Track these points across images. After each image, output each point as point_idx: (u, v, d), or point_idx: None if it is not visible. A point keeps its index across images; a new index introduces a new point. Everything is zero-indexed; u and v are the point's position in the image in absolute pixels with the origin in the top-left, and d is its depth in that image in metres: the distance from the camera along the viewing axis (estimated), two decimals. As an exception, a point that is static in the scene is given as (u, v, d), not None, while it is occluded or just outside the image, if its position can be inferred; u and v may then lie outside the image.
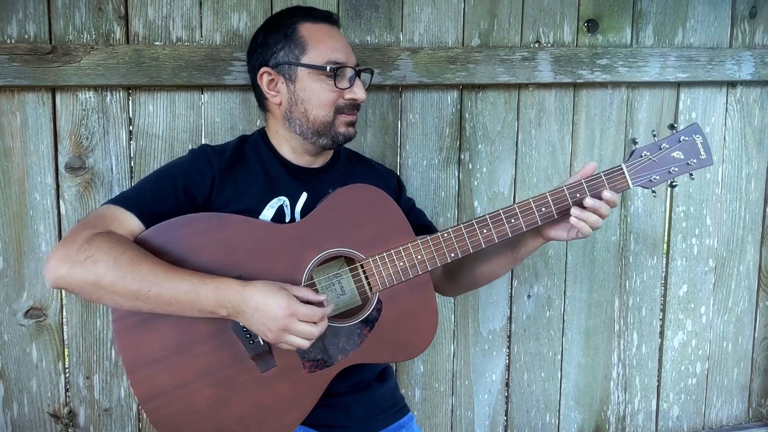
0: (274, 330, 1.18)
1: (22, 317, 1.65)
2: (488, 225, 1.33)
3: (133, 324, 1.25)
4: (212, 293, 1.18)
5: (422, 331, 1.36)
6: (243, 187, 1.37)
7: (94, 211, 1.32)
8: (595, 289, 2.09)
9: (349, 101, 1.39)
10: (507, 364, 2.06)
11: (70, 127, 1.62)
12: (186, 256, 1.25)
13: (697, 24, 2.06)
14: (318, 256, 1.30)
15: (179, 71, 1.62)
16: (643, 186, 1.35)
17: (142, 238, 1.25)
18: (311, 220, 1.32)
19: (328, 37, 1.38)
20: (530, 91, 1.95)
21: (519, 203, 1.34)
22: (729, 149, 2.14)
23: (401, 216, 1.36)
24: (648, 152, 1.34)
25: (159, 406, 1.26)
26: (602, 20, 1.98)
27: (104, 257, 1.16)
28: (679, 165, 1.34)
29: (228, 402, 1.27)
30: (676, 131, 1.35)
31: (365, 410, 1.45)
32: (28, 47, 1.54)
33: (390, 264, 1.32)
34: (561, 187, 1.34)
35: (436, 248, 1.33)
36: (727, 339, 2.24)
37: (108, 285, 1.16)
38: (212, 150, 1.40)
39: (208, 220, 1.28)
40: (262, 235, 1.29)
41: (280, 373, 1.29)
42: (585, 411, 2.14)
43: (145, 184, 1.35)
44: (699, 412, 2.26)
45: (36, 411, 1.69)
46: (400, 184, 1.62)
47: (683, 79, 2.01)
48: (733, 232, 2.19)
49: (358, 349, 1.32)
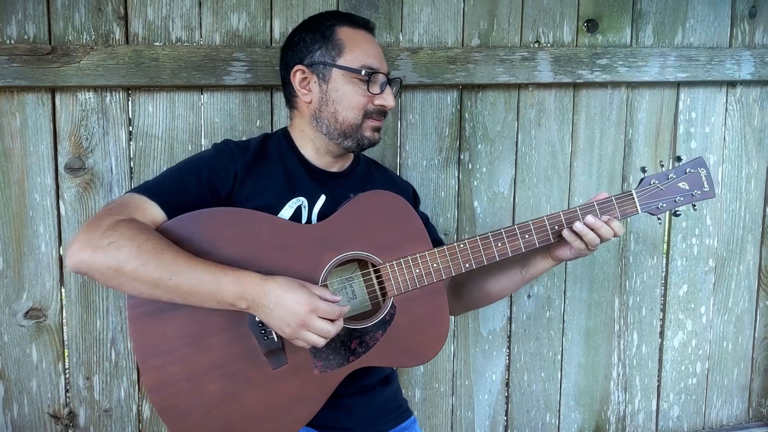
0: (292, 325, 1.19)
1: (22, 318, 1.65)
2: (503, 238, 1.38)
3: (148, 312, 1.25)
4: (233, 285, 1.19)
5: (433, 338, 1.38)
6: (264, 184, 1.38)
7: (117, 198, 1.33)
8: (595, 289, 2.08)
9: (379, 107, 1.41)
10: (507, 364, 2.06)
11: (70, 127, 1.62)
12: (208, 248, 1.26)
13: (697, 24, 2.06)
14: (337, 258, 1.32)
15: (179, 72, 1.62)
16: (650, 212, 1.43)
17: (164, 228, 1.26)
18: (333, 222, 1.34)
19: (365, 43, 1.41)
20: (530, 91, 1.95)
21: (534, 220, 1.40)
22: (729, 149, 2.14)
23: (420, 225, 1.39)
24: (657, 181, 1.42)
25: (167, 396, 1.26)
26: (602, 20, 1.98)
27: (127, 243, 1.17)
28: (685, 195, 1.42)
29: (236, 397, 1.28)
30: (682, 163, 1.44)
31: (369, 412, 1.45)
32: (28, 48, 1.54)
33: (406, 270, 1.35)
34: (574, 208, 1.40)
35: (452, 258, 1.37)
36: (727, 339, 2.24)
37: (130, 271, 1.17)
38: (236, 145, 1.41)
39: (231, 215, 1.30)
40: (283, 233, 1.31)
41: (290, 371, 1.29)
42: (585, 411, 2.14)
43: (169, 175, 1.35)
44: (699, 412, 2.25)
45: (36, 412, 1.68)
46: (416, 196, 1.65)
47: (683, 78, 2.01)
48: (733, 232, 2.19)
49: (369, 353, 1.33)
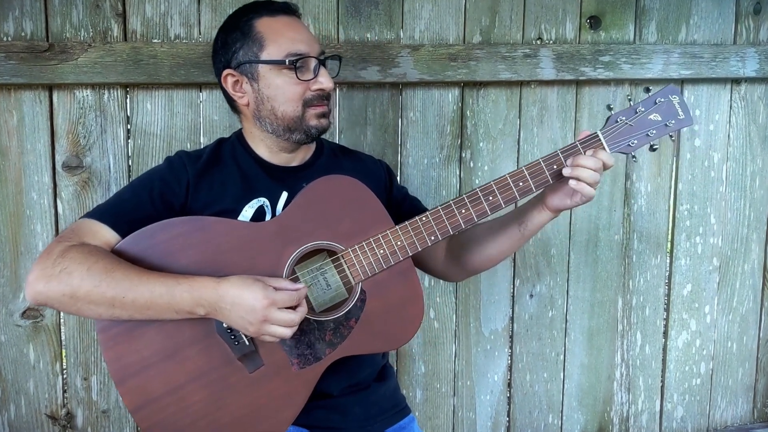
0: (254, 322, 1.17)
1: (19, 318, 1.64)
2: (466, 204, 1.30)
3: (119, 333, 1.24)
4: (187, 293, 1.18)
5: (409, 317, 1.33)
6: (219, 189, 1.35)
7: (70, 225, 1.31)
8: (598, 289, 2.07)
9: (317, 92, 1.34)
10: (509, 365, 2.04)
11: (68, 125, 1.61)
12: (165, 261, 1.24)
13: (701, 20, 2.04)
14: (297, 251, 1.29)
15: (177, 69, 1.61)
16: (621, 151, 1.31)
17: (119, 248, 1.25)
18: (288, 214, 1.30)
19: (287, 29, 1.33)
20: (532, 88, 1.93)
21: (495, 180, 1.30)
22: (733, 147, 2.12)
23: (378, 204, 1.33)
24: (624, 117, 1.30)
25: (151, 412, 1.25)
26: (605, 16, 1.96)
27: (78, 267, 1.16)
28: (657, 127, 1.30)
29: (221, 403, 1.27)
30: (651, 93, 1.31)
31: (364, 411, 1.42)
32: (25, 45, 1.53)
33: (370, 253, 1.30)
34: (537, 160, 1.30)
35: (416, 232, 1.30)
36: (732, 339, 2.22)
37: (84, 295, 1.16)
38: (187, 155, 1.39)
39: (184, 224, 1.27)
40: (240, 235, 1.28)
41: (270, 372, 1.28)
42: (588, 412, 2.12)
43: (121, 194, 1.34)
44: (703, 413, 2.24)
45: (33, 413, 1.67)
46: (390, 172, 1.57)
47: (687, 76, 1.99)
48: (737, 230, 2.17)
49: (346, 341, 1.30)
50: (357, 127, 1.82)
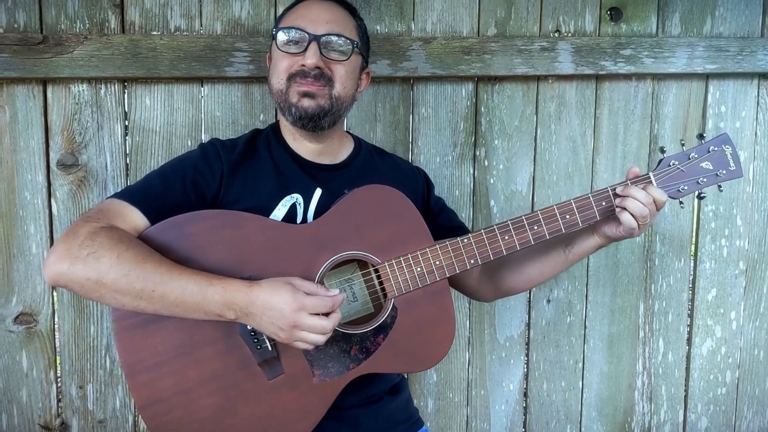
0: (284, 328, 1.14)
1: (11, 323, 1.60)
2: (510, 231, 1.32)
3: (134, 325, 1.21)
4: (219, 295, 1.15)
5: (438, 340, 1.32)
6: (252, 183, 1.33)
7: (98, 204, 1.28)
8: (618, 294, 2.01)
9: (300, 67, 1.32)
10: (525, 373, 2.00)
11: (63, 121, 1.58)
12: (193, 254, 1.21)
13: (727, 12, 1.98)
14: (332, 258, 1.26)
15: (178, 62, 1.58)
16: (671, 196, 1.35)
17: (146, 235, 1.22)
18: (326, 220, 1.28)
19: (303, 7, 1.36)
20: (550, 83, 1.88)
21: (542, 209, 1.32)
22: (761, 145, 2.06)
23: (419, 219, 1.33)
24: (676, 161, 1.34)
25: (159, 412, 1.21)
26: (626, 8, 1.90)
27: (107, 254, 1.12)
28: (708, 176, 1.35)
29: (232, 410, 1.23)
30: (705, 141, 1.35)
31: (376, 424, 1.39)
32: (18, 37, 1.50)
33: (407, 269, 1.29)
34: (587, 195, 1.33)
35: (456, 254, 1.30)
36: (759, 346, 2.16)
37: (111, 283, 1.12)
38: (222, 144, 1.36)
39: (217, 217, 1.25)
40: (273, 235, 1.25)
41: (287, 382, 1.25)
42: (608, 422, 2.07)
43: (152, 178, 1.31)
44: (729, 424, 2.18)
45: (26, 422, 1.64)
46: (428, 182, 1.56)
47: (712, 70, 1.93)
48: (765, 232, 2.10)
49: (371, 359, 1.27)
50: (366, 124, 1.77)
